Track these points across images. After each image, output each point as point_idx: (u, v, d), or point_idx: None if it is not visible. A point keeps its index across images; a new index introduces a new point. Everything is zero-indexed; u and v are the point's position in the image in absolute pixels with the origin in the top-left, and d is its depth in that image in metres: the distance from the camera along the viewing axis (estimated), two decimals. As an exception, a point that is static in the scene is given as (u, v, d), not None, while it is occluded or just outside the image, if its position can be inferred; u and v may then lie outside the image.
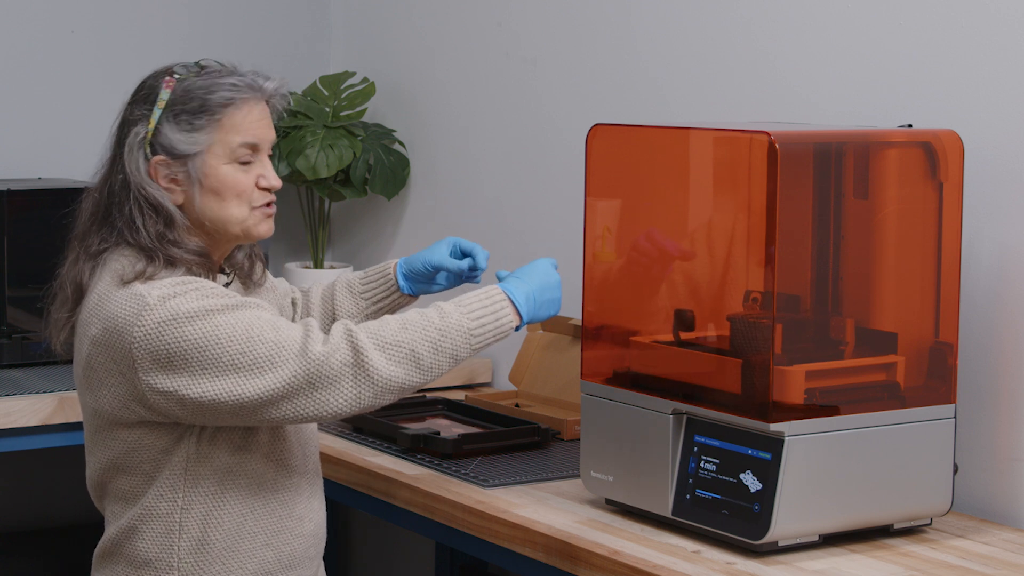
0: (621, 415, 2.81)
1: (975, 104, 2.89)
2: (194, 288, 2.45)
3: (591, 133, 2.88)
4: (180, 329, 2.42)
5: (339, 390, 2.43)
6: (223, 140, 2.52)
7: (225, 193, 2.53)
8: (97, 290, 2.51)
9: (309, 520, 2.64)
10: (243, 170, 2.54)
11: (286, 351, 2.42)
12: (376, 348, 2.43)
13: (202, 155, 2.52)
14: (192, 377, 2.42)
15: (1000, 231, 2.86)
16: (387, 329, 2.45)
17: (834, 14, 3.13)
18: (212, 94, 2.52)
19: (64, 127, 4.20)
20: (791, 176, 2.62)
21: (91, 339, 2.50)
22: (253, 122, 2.54)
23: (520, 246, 3.91)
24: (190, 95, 2.52)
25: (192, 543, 2.53)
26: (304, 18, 4.53)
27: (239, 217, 2.55)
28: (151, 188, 2.51)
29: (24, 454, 4.09)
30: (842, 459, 2.63)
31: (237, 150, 2.53)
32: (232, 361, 2.42)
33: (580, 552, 2.67)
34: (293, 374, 2.41)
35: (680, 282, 2.83)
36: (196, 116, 2.51)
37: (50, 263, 2.66)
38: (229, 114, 2.52)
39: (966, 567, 2.60)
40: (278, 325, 2.44)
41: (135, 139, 2.53)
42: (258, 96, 2.55)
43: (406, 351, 2.45)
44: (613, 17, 3.64)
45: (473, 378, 3.94)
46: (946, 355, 2.75)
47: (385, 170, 4.18)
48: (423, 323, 2.47)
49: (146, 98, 2.55)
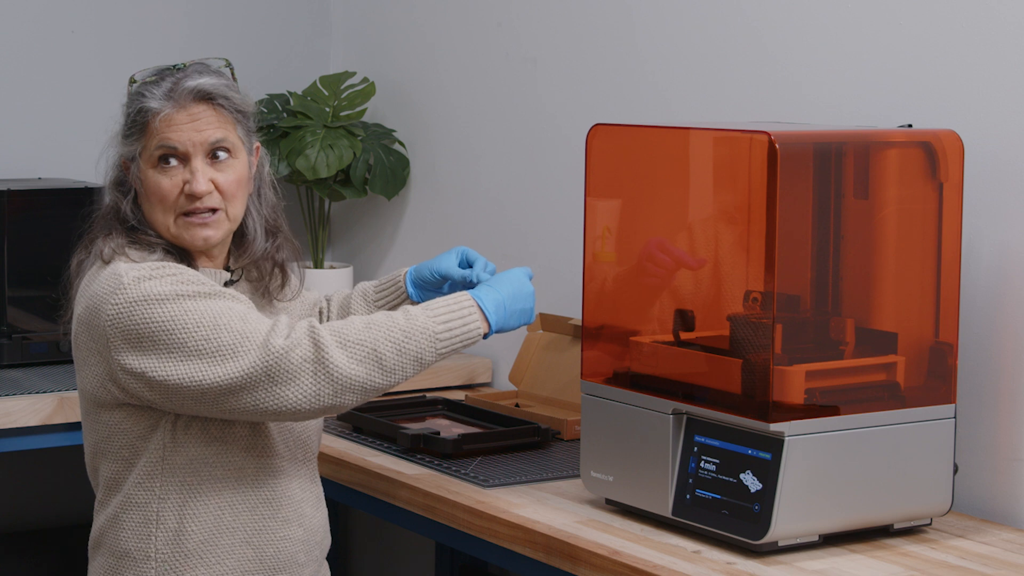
0: (621, 415, 2.81)
1: (975, 104, 2.89)
2: (170, 273, 2.47)
3: (591, 133, 2.88)
4: (150, 310, 2.43)
5: (298, 385, 2.42)
6: (148, 144, 2.55)
7: (151, 198, 2.56)
8: (87, 273, 2.56)
9: (298, 525, 2.63)
10: (167, 175, 2.54)
11: (249, 342, 2.42)
12: (338, 346, 2.43)
13: (138, 160, 2.56)
14: (158, 359, 2.44)
15: (1000, 231, 2.86)
16: (351, 328, 2.45)
17: (834, 14, 3.13)
18: (140, 101, 2.54)
19: (64, 127, 4.20)
20: (791, 176, 2.62)
21: (77, 317, 2.55)
22: (176, 127, 2.53)
23: (520, 246, 3.91)
24: (131, 102, 2.57)
25: (169, 534, 2.53)
26: (304, 18, 4.53)
27: (164, 223, 2.57)
28: (116, 189, 2.60)
29: (24, 454, 4.09)
30: (842, 459, 2.63)
31: (154, 153, 2.54)
32: (196, 347, 2.42)
33: (580, 552, 2.67)
34: (252, 364, 2.41)
35: (680, 282, 2.83)
36: (131, 123, 2.56)
37: (50, 263, 2.68)
38: (153, 122, 2.53)
39: (966, 567, 2.60)
40: (247, 316, 2.45)
41: (112, 139, 2.61)
42: (182, 102, 2.54)
43: (368, 350, 2.44)
44: (613, 17, 3.64)
45: (473, 378, 3.94)
46: (946, 355, 2.75)
47: (385, 170, 4.18)
48: (388, 324, 2.46)
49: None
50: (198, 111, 2.54)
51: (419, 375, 3.81)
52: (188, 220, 2.55)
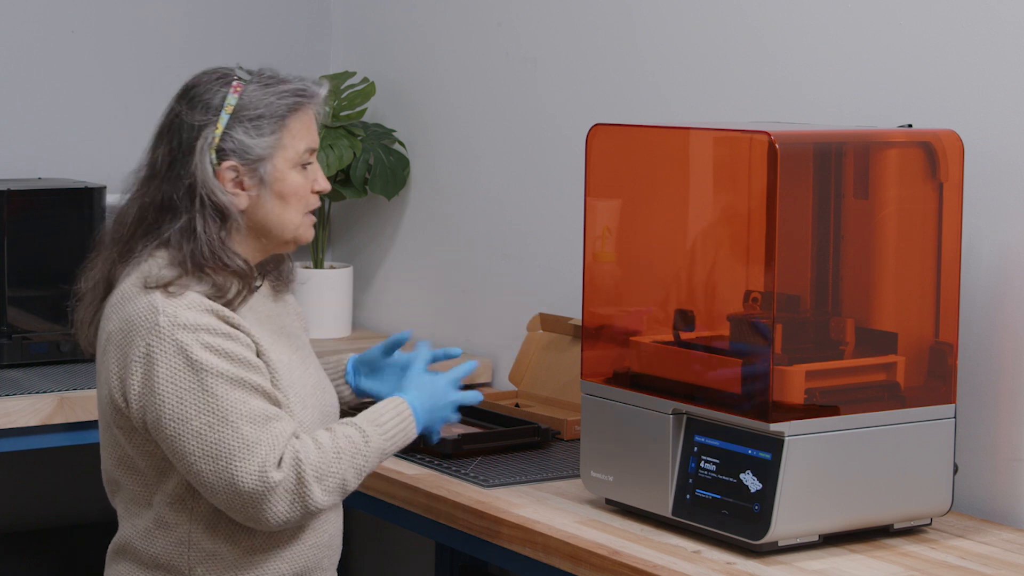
0: (621, 415, 2.81)
1: (975, 104, 2.89)
2: (207, 331, 2.46)
3: (591, 133, 2.88)
4: (172, 368, 2.45)
5: (272, 511, 2.48)
6: (290, 144, 2.57)
7: (290, 197, 2.58)
8: (123, 286, 2.53)
9: (324, 531, 2.64)
10: (303, 175, 2.59)
11: (249, 456, 2.46)
12: (316, 480, 2.49)
13: (272, 159, 2.55)
14: (160, 416, 2.46)
15: (1000, 231, 2.86)
16: (325, 459, 2.51)
17: (834, 14, 3.13)
18: (280, 99, 2.56)
19: (64, 127, 4.20)
20: (791, 176, 2.62)
21: (107, 333, 2.53)
22: (310, 126, 2.60)
23: (520, 246, 3.91)
24: (259, 102, 2.55)
25: (202, 554, 2.54)
26: (304, 18, 4.53)
27: (295, 222, 2.60)
28: (220, 192, 2.53)
29: (24, 454, 4.09)
30: (842, 459, 2.63)
31: (302, 155, 2.58)
32: (197, 429, 2.45)
33: (580, 552, 2.67)
34: (242, 483, 2.45)
35: (680, 282, 2.83)
36: (266, 121, 2.55)
37: (50, 263, 2.67)
38: (293, 119, 2.57)
39: (966, 567, 2.60)
40: (256, 417, 2.47)
41: (204, 143, 2.53)
42: (313, 102, 2.60)
43: (339, 481, 2.52)
44: (613, 17, 3.64)
45: (473, 378, 3.93)
46: (946, 355, 2.75)
47: (385, 170, 4.18)
48: (352, 451, 2.54)
49: (207, 104, 2.55)
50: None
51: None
52: (309, 218, 2.63)
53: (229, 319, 2.50)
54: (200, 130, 2.54)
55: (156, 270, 2.51)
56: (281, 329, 2.66)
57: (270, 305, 2.69)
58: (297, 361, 2.64)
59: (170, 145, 2.56)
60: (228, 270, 2.52)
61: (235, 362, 2.47)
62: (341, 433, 2.54)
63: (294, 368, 2.61)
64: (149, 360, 2.45)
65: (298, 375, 2.61)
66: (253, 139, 2.54)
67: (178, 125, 2.56)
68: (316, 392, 2.65)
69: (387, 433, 2.58)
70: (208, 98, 2.56)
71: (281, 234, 2.60)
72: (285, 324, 2.69)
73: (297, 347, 2.67)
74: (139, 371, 2.46)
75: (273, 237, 2.60)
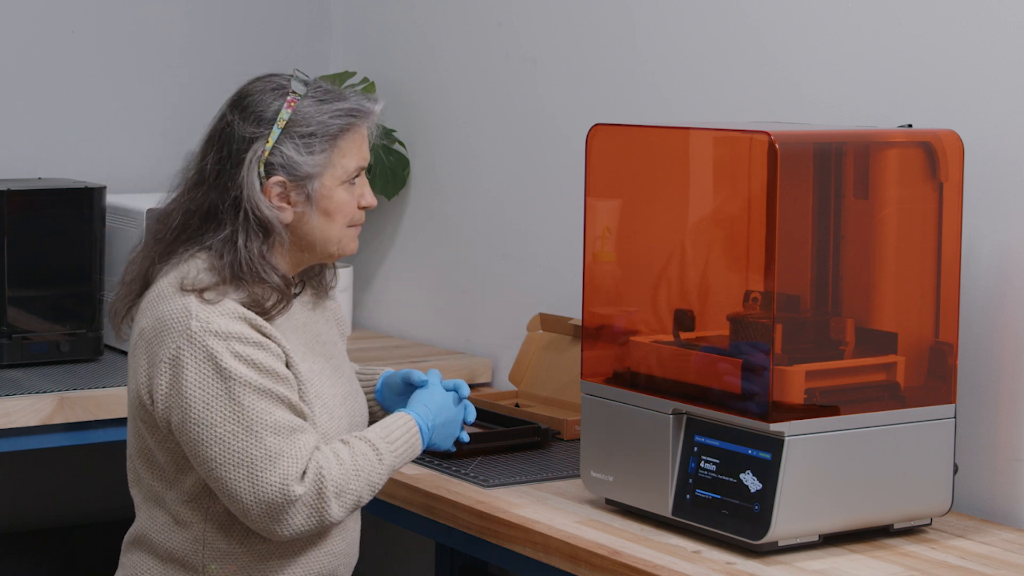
0: (621, 415, 2.81)
1: (975, 104, 2.89)
2: (238, 339, 2.47)
3: (591, 133, 2.88)
4: (201, 373, 2.45)
5: (288, 524, 2.48)
6: (339, 163, 2.56)
7: (335, 214, 2.58)
8: (160, 284, 2.54)
9: (341, 539, 2.65)
10: (350, 191, 2.59)
11: (272, 467, 2.46)
12: (335, 496, 2.50)
13: (321, 177, 2.55)
14: (185, 420, 2.46)
15: (1000, 231, 2.86)
16: (347, 476, 2.51)
17: (834, 14, 3.13)
18: (333, 119, 2.55)
19: (64, 127, 4.20)
20: (791, 176, 2.63)
21: (140, 329, 2.54)
22: (361, 145, 2.59)
23: (520, 246, 3.91)
24: (311, 119, 2.55)
25: (217, 552, 2.55)
26: (304, 18, 4.53)
27: (339, 236, 2.60)
28: (266, 208, 2.53)
29: (24, 454, 4.09)
30: (842, 459, 2.63)
31: (351, 173, 2.58)
32: (221, 436, 2.45)
33: (580, 552, 2.67)
34: (262, 494, 2.46)
35: (680, 282, 2.83)
36: (317, 139, 2.54)
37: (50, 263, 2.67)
38: (345, 138, 2.56)
39: (966, 567, 2.60)
40: (280, 428, 2.47)
41: (253, 156, 2.53)
42: (367, 121, 2.60)
43: (355, 498, 2.53)
44: (613, 17, 3.64)
45: (473, 378, 3.93)
46: (946, 355, 2.75)
47: (385, 170, 4.18)
48: (368, 469, 2.54)
49: (260, 116, 2.54)
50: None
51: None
52: (352, 231, 2.63)
53: (261, 328, 2.50)
54: (250, 143, 2.53)
55: (194, 273, 2.51)
56: (316, 338, 2.66)
57: (307, 313, 2.69)
58: (329, 370, 2.64)
59: (220, 154, 2.55)
60: (265, 284, 2.53)
61: (263, 372, 2.48)
62: (359, 450, 2.54)
63: (325, 377, 2.62)
64: (178, 363, 2.46)
65: (328, 384, 2.62)
66: (303, 156, 2.53)
67: (229, 134, 2.55)
68: (346, 402, 2.66)
69: (398, 451, 2.59)
70: (261, 110, 2.55)
71: (325, 248, 2.60)
72: (321, 332, 2.69)
73: (330, 355, 2.68)
74: (167, 372, 2.47)
75: (316, 251, 2.61)
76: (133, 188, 4.14)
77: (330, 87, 2.61)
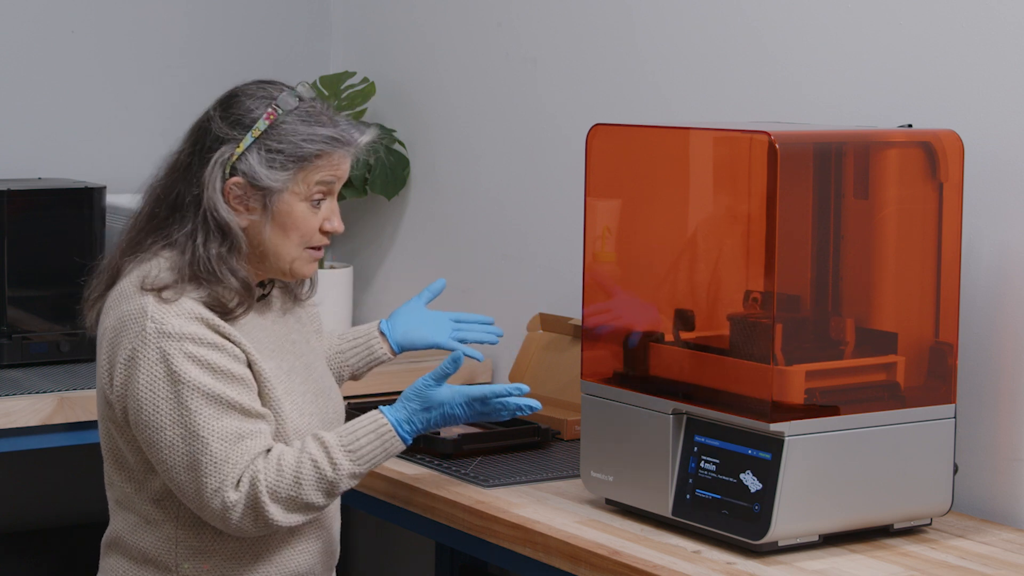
0: (621, 415, 2.81)
1: (975, 104, 2.89)
2: (192, 340, 2.46)
3: (591, 133, 2.88)
4: (152, 375, 2.45)
5: (236, 525, 2.49)
6: (305, 180, 2.53)
7: (291, 231, 2.54)
8: (123, 283, 2.53)
9: (317, 537, 2.64)
10: (313, 211, 2.55)
11: (215, 472, 2.46)
12: (272, 502, 2.48)
13: (282, 192, 2.52)
14: (137, 420, 2.47)
15: (1000, 231, 2.86)
16: (284, 484, 2.48)
17: (834, 14, 3.13)
18: (307, 143, 2.52)
19: (64, 127, 4.20)
20: (791, 176, 2.62)
21: (103, 329, 2.54)
22: (335, 167, 2.55)
23: (520, 246, 3.91)
24: (286, 137, 2.52)
25: (190, 551, 2.54)
26: (304, 18, 4.53)
27: (292, 255, 2.56)
28: (223, 211, 2.51)
29: (24, 454, 4.09)
30: (842, 459, 2.63)
31: (313, 187, 2.54)
32: (170, 440, 2.45)
33: (580, 552, 2.67)
34: (204, 496, 2.46)
35: (680, 282, 2.83)
36: (287, 159, 2.52)
37: (50, 263, 2.66)
38: (316, 163, 2.53)
39: (966, 567, 2.60)
40: (227, 435, 2.46)
41: (220, 157, 2.51)
42: (347, 150, 2.56)
43: (300, 503, 2.50)
44: (613, 17, 3.64)
45: (473, 378, 3.93)
46: (946, 355, 2.75)
47: (385, 170, 4.18)
48: (316, 477, 2.50)
49: (238, 120, 2.53)
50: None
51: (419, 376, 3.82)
52: (312, 253, 2.58)
53: (219, 328, 2.49)
54: (221, 143, 2.52)
55: (156, 272, 2.50)
56: (286, 336, 2.65)
57: (279, 314, 2.68)
58: (300, 367, 2.63)
59: (194, 147, 2.56)
60: (222, 285, 2.51)
61: (216, 374, 2.46)
62: (307, 458, 2.50)
63: (295, 374, 2.61)
64: (132, 364, 2.46)
65: (299, 381, 2.61)
66: (265, 170, 2.51)
67: (206, 129, 2.55)
68: (318, 399, 2.65)
69: (362, 458, 2.53)
70: (241, 114, 2.54)
71: (277, 263, 2.57)
72: (291, 331, 2.68)
73: (301, 353, 2.66)
74: (123, 373, 2.47)
75: (269, 264, 2.57)
76: (133, 188, 4.11)
77: (324, 109, 2.57)
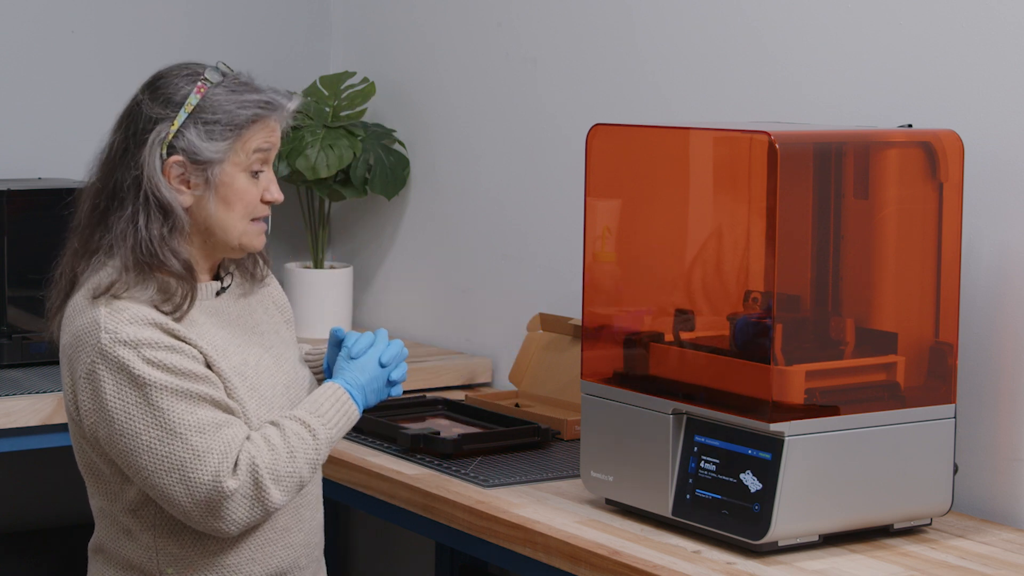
0: (621, 415, 2.81)
1: (975, 104, 2.89)
2: (148, 345, 2.45)
3: (591, 133, 2.88)
4: (117, 385, 2.44)
5: (232, 518, 2.47)
6: (242, 153, 2.53)
7: (235, 203, 2.54)
8: (76, 297, 2.53)
9: (298, 530, 2.63)
10: (253, 182, 2.55)
11: (201, 466, 2.45)
12: (273, 483, 2.48)
13: (222, 164, 2.52)
14: (111, 433, 2.46)
15: (1000, 231, 2.86)
16: (280, 460, 2.49)
17: (835, 14, 3.13)
18: (241, 109, 2.52)
19: (64, 127, 4.20)
20: (791, 176, 2.63)
21: (62, 346, 2.53)
22: (269, 135, 2.55)
23: (520, 246, 3.91)
24: (218, 106, 2.52)
25: (171, 557, 2.54)
26: (304, 18, 4.53)
27: (239, 228, 2.55)
28: (164, 189, 2.50)
29: (24, 454, 4.09)
30: (842, 459, 2.63)
31: (252, 155, 2.53)
32: (148, 444, 2.44)
33: (580, 552, 2.67)
34: (197, 494, 2.45)
35: (680, 282, 2.83)
36: (224, 127, 2.51)
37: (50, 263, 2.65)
38: (251, 129, 2.53)
39: (966, 567, 2.60)
40: (204, 426, 2.45)
41: (156, 137, 2.51)
42: (277, 114, 2.56)
43: (296, 480, 2.51)
44: (613, 17, 3.64)
45: (473, 378, 3.94)
46: (946, 355, 2.75)
47: (385, 170, 4.18)
48: (304, 448, 2.52)
49: (168, 98, 2.53)
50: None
51: (419, 376, 3.83)
52: (257, 225, 2.58)
53: (174, 332, 2.48)
54: (156, 123, 2.52)
55: (106, 278, 2.50)
56: (252, 328, 2.64)
57: (241, 303, 2.67)
58: (269, 359, 2.62)
59: (126, 132, 2.55)
60: (166, 269, 2.50)
61: (179, 374, 2.46)
62: (291, 431, 2.52)
63: (263, 368, 2.60)
64: (94, 378, 2.45)
65: (267, 375, 2.60)
66: (204, 142, 2.50)
67: (137, 114, 2.55)
68: (289, 390, 2.63)
69: (330, 422, 2.56)
70: (171, 93, 2.54)
71: (225, 238, 2.56)
72: (259, 322, 2.67)
73: (270, 345, 2.65)
74: (87, 388, 2.46)
75: (218, 240, 2.56)
76: (133, 188, 4.14)
77: (248, 79, 2.58)
